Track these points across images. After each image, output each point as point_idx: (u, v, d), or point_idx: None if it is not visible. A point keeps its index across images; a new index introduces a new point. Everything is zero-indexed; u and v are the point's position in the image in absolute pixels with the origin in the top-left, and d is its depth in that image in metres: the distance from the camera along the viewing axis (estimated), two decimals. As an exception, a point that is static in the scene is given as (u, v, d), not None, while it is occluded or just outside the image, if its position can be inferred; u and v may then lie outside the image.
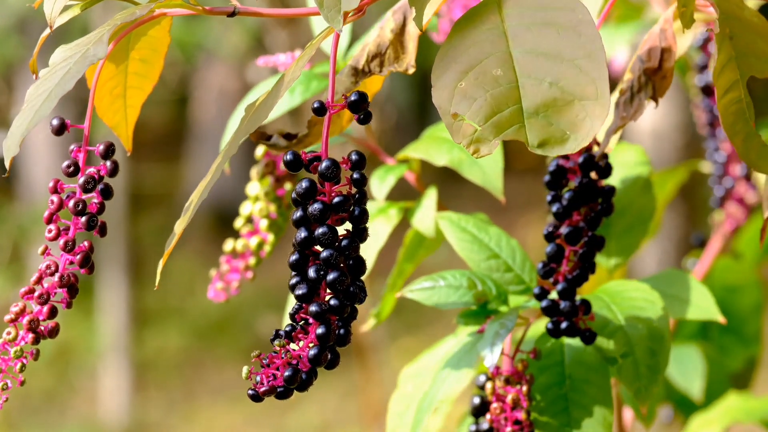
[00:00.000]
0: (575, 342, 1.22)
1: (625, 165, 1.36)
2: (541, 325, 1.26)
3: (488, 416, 1.19)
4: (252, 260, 1.42)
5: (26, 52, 5.84)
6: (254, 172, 1.42)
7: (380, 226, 1.41)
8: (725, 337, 1.92)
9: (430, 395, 1.23)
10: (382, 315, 1.44)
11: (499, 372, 1.19)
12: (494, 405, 1.18)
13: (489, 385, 1.20)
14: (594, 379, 1.20)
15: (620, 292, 1.24)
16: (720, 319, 1.28)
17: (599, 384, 1.20)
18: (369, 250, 1.38)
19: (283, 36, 3.19)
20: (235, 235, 1.44)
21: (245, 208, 1.42)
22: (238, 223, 1.42)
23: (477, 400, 1.22)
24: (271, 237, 1.41)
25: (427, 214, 1.39)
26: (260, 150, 1.42)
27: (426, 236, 1.40)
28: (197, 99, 8.14)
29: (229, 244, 1.42)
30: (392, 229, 1.41)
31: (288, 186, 1.42)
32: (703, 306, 1.30)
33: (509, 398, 1.18)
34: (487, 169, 1.38)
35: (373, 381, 3.72)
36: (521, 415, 1.18)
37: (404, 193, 1.52)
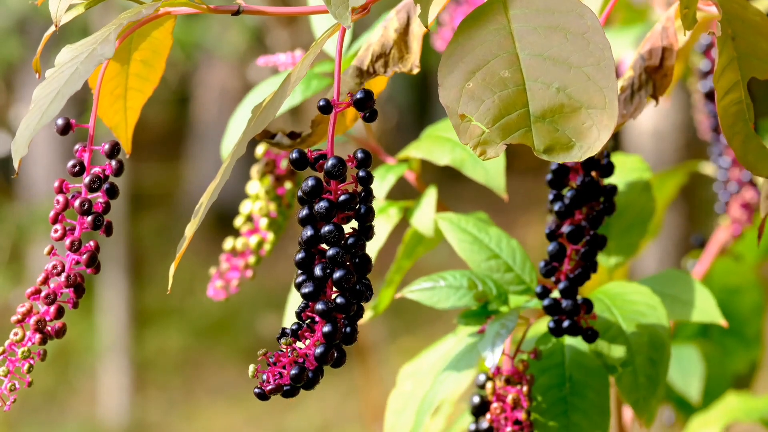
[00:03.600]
0: (576, 344, 1.22)
1: (626, 169, 1.37)
2: (542, 325, 1.26)
3: (488, 416, 1.19)
4: (252, 259, 1.42)
5: (26, 52, 5.83)
6: (254, 170, 1.42)
7: (380, 225, 1.41)
8: (726, 339, 1.92)
9: (429, 396, 1.23)
10: (379, 308, 1.44)
11: (499, 372, 1.19)
12: (494, 405, 1.18)
13: (489, 385, 1.19)
14: (593, 383, 1.20)
15: (621, 295, 1.23)
16: (722, 321, 1.28)
17: (598, 389, 1.20)
18: (369, 250, 1.39)
19: (285, 35, 3.19)
20: (236, 234, 1.44)
21: (245, 207, 1.42)
22: (238, 221, 1.42)
23: (477, 399, 1.22)
24: (270, 236, 1.42)
25: (426, 214, 1.39)
26: (260, 149, 1.42)
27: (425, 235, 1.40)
28: (198, 98, 8.13)
29: (228, 243, 1.42)
30: (392, 228, 1.41)
31: (288, 185, 1.42)
32: (704, 308, 1.30)
33: (510, 398, 1.18)
34: (489, 169, 1.38)
35: (373, 380, 3.72)
36: (521, 416, 1.18)
37: (404, 193, 1.53)
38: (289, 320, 1.44)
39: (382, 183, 1.42)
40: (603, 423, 1.19)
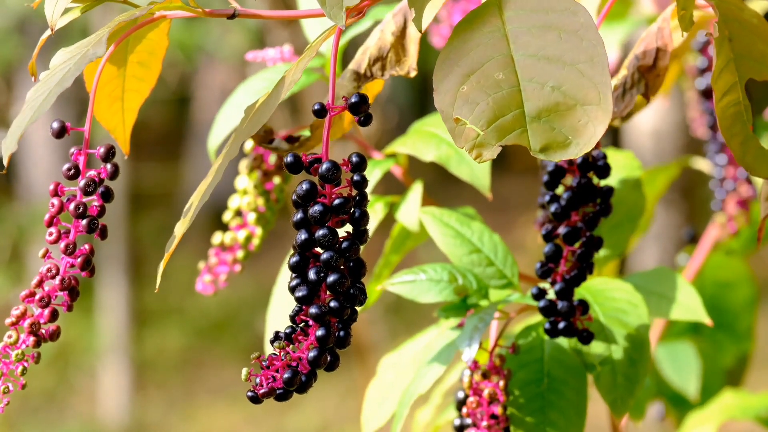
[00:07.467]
0: (556, 339, 1.22)
1: (617, 167, 1.37)
2: (523, 320, 1.26)
3: (464, 410, 1.19)
4: (240, 253, 1.42)
5: (26, 52, 5.84)
6: (243, 165, 1.43)
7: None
8: (718, 333, 1.91)
9: (411, 389, 1.22)
10: (366, 304, 1.45)
11: (477, 366, 1.19)
12: (471, 399, 1.18)
13: (467, 379, 1.19)
14: (572, 381, 1.20)
15: (603, 291, 1.23)
16: (706, 320, 1.28)
17: (576, 387, 1.20)
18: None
19: (285, 35, 3.19)
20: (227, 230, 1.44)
21: (233, 202, 1.42)
22: (227, 216, 1.42)
23: (461, 395, 1.22)
24: (259, 230, 1.42)
25: (411, 209, 1.39)
26: (249, 144, 1.42)
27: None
28: (198, 99, 8.13)
29: (217, 237, 1.42)
30: (378, 224, 1.41)
31: (276, 180, 1.43)
32: (690, 306, 1.29)
33: (486, 392, 1.18)
34: (474, 167, 1.38)
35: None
36: (498, 410, 1.18)
37: (392, 188, 1.53)
38: (272, 319, 1.45)
39: (367, 178, 1.42)
40: (579, 422, 1.18)
